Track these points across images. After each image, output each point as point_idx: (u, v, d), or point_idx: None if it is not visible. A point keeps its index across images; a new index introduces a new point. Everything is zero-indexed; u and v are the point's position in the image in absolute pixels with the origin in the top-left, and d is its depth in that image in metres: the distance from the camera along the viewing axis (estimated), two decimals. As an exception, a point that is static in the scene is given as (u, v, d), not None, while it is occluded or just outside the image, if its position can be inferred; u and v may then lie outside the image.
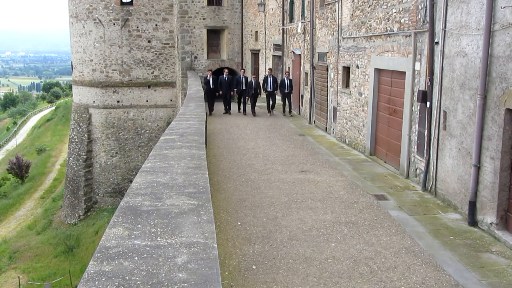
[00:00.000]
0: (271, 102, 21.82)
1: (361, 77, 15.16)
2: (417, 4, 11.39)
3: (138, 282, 3.47)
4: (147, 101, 35.35)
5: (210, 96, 21.84)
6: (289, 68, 24.29)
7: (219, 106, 24.72)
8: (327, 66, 18.40)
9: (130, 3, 34.35)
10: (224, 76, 21.58)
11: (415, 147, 11.79)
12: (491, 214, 8.50)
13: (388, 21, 12.99)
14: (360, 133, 15.03)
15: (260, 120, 20.16)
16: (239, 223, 8.88)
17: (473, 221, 8.93)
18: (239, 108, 21.84)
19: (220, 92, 21.47)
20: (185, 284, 3.45)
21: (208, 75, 22.51)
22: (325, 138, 17.56)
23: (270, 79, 21.86)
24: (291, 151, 12.74)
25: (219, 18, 32.65)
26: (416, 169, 11.74)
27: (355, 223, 8.95)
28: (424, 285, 6.50)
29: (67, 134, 48.37)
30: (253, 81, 21.69)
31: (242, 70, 23.84)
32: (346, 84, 16.51)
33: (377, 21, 13.73)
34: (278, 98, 24.52)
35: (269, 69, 22.64)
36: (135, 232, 4.32)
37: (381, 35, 13.47)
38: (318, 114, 19.60)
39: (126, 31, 34.33)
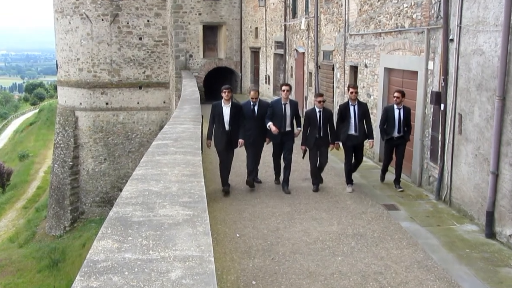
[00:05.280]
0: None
1: (369, 77, 15.20)
2: (430, -1, 11.43)
3: (129, 298, 3.48)
4: (138, 103, 35.38)
5: (223, 149, 11.78)
6: (291, 67, 24.35)
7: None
8: (333, 65, 18.44)
9: (120, -3, 34.47)
10: (252, 103, 11.95)
11: (428, 153, 11.82)
12: (511, 226, 8.50)
13: (399, 16, 13.03)
14: (368, 138, 15.09)
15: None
16: (237, 235, 8.88)
17: (491, 233, 8.93)
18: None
19: (241, 143, 11.78)
20: (179, 301, 3.46)
21: (224, 101, 11.58)
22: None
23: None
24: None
25: (216, 14, 32.73)
26: (429, 176, 11.75)
27: (363, 235, 8.95)
28: (438, 302, 6.51)
29: (52, 139, 48.44)
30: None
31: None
32: (354, 84, 16.58)
33: (387, 17, 13.78)
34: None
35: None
36: (125, 245, 4.33)
37: (392, 31, 13.51)
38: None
39: (115, 27, 34.40)
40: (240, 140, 11.57)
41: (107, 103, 34.92)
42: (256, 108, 11.80)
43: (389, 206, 10.71)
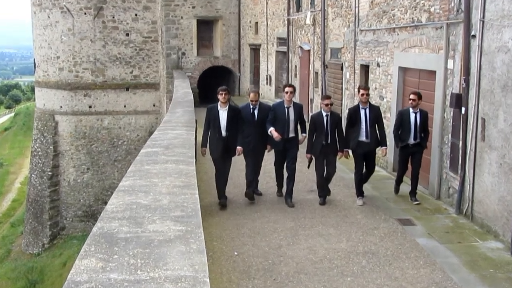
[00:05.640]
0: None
1: (382, 78, 15.24)
2: (449, -10, 11.47)
3: (114, 324, 3.48)
4: (125, 106, 35.43)
5: (220, 157, 11.83)
6: (295, 66, 24.39)
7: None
8: (342, 64, 18.49)
9: (105, -12, 34.57)
10: (251, 106, 11.97)
11: (448, 161, 11.82)
12: (540, 242, 8.50)
13: (415, 10, 13.07)
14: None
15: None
16: (235, 253, 8.89)
17: (517, 250, 8.93)
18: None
19: (239, 150, 11.75)
20: (171, 327, 3.46)
21: (221, 104, 11.61)
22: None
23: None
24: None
25: (211, 7, 32.82)
26: (449, 188, 11.76)
27: (375, 253, 8.96)
28: (459, 328, 6.51)
29: (29, 146, 48.45)
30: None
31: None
32: (365, 86, 16.60)
33: (401, 10, 13.82)
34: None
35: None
36: (110, 264, 4.33)
37: (407, 26, 13.55)
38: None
39: (99, 22, 34.48)
40: (239, 148, 11.58)
41: (90, 106, 34.95)
42: (256, 112, 11.82)
43: (404, 221, 10.71)
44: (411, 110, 11.78)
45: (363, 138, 11.74)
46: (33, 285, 31.94)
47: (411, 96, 11.75)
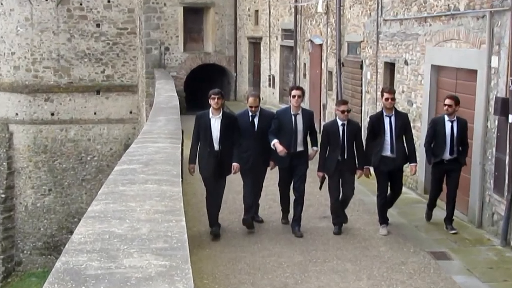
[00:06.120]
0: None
1: (411, 78, 15.26)
2: (492, -28, 11.50)
3: None
4: (95, 113, 35.43)
5: (212, 176, 11.83)
6: (304, 64, 24.42)
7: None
8: (361, 62, 18.56)
9: (70, -32, 34.65)
10: (250, 114, 12.02)
11: (492, 181, 11.79)
12: None
13: (450, -5, 13.12)
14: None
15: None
16: (231, 294, 8.88)
17: None
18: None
19: (236, 167, 11.77)
20: None
21: (213, 111, 11.63)
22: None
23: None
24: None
25: (201, -9, 32.98)
26: (493, 213, 11.74)
27: (403, 294, 8.95)
28: None
29: (-23, 161, 48.41)
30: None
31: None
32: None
33: (434, -4, 13.89)
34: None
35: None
36: (77, 308, 4.33)
37: (441, 15, 13.58)
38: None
39: (64, 10, 34.54)
40: (235, 164, 11.56)
41: (52, 114, 34.93)
42: (256, 120, 11.84)
43: (438, 254, 10.70)
44: (446, 118, 11.77)
45: (387, 152, 11.74)
46: (-19, 333, 31.86)
47: (447, 101, 11.73)
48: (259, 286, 9.21)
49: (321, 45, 22.40)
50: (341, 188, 11.89)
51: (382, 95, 11.90)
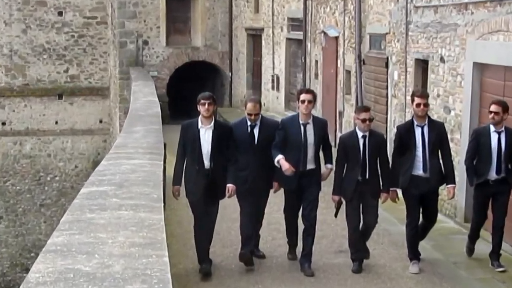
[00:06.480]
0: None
1: (448, 79, 15.33)
2: None
3: None
4: (56, 122, 35.34)
5: (201, 200, 11.97)
6: (316, 62, 24.48)
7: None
8: (387, 58, 18.67)
9: None
10: (249, 123, 12.11)
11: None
12: None
13: (497, -24, 13.25)
14: (447, 182, 15.03)
15: None
16: None
17: None
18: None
19: (231, 190, 11.80)
20: None
21: (202, 120, 11.78)
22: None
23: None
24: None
25: (188, -29, 33.09)
26: (551, 247, 11.83)
27: None
28: None
29: None
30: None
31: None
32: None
33: (477, -23, 14.01)
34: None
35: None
36: None
37: (486, 1, 13.68)
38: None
39: (18, -6, 34.60)
40: (230, 186, 11.51)
41: (3, 123, 34.89)
42: (256, 131, 11.85)
43: (483, 298, 10.80)
44: (492, 128, 11.75)
45: (419, 171, 11.75)
46: None
47: (493, 108, 11.65)
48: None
49: (337, 38, 22.47)
50: (361, 216, 11.88)
51: (413, 100, 11.88)
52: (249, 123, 11.86)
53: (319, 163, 12.10)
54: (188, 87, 30.89)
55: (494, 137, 11.72)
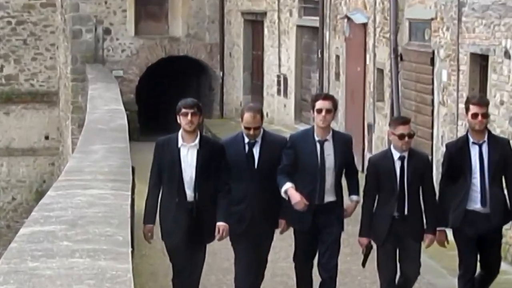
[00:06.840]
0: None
1: (517, 81, 15.14)
2: None
3: None
4: (-14, 139, 35.49)
5: (182, 244, 11.73)
6: (337, 57, 24.37)
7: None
8: (432, 53, 18.54)
9: None
10: (247, 140, 12.05)
11: None
12: None
13: None
14: None
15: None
16: None
17: None
18: None
19: (222, 230, 11.55)
20: None
21: (184, 135, 11.68)
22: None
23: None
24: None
25: None
26: None
27: None
28: None
29: None
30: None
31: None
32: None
33: None
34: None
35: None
36: None
37: None
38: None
39: None
40: (221, 225, 11.24)
41: None
42: (256, 150, 11.71)
43: None
44: None
45: (476, 205, 11.52)
46: None
47: None
48: None
49: (365, 25, 22.42)
50: (398, 265, 11.60)
51: (468, 109, 11.60)
52: (246, 140, 11.68)
53: (341, 195, 11.84)
54: (165, 91, 30.95)
55: None
